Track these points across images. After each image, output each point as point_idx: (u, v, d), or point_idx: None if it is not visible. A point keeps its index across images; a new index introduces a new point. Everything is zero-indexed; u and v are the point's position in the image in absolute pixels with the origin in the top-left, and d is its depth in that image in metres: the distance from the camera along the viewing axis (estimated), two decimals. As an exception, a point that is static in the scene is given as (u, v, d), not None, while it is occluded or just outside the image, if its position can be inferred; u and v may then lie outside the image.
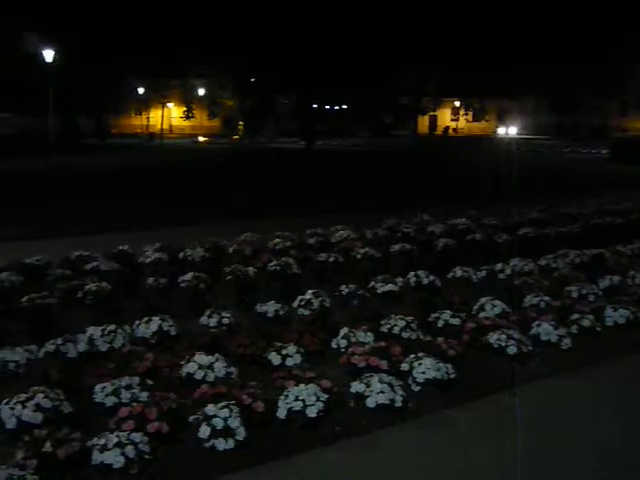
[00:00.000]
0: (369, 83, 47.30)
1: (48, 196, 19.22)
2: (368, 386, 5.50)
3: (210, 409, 4.92)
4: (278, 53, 41.83)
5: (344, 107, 66.43)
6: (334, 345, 6.67)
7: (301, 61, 42.91)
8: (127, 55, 40.11)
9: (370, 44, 41.52)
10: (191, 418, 4.97)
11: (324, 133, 57.57)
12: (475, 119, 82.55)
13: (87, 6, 35.95)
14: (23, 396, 5.07)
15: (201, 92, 69.57)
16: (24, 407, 4.97)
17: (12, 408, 4.99)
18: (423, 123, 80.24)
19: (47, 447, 4.48)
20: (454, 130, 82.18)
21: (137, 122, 71.70)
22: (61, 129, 43.18)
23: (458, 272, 9.31)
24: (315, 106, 55.68)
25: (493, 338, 6.67)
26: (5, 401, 5.08)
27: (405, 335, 6.79)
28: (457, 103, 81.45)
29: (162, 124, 60.14)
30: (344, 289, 8.23)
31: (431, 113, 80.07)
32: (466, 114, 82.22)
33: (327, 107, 64.32)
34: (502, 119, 71.11)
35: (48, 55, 33.80)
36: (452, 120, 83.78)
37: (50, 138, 31.02)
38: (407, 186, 23.32)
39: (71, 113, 46.68)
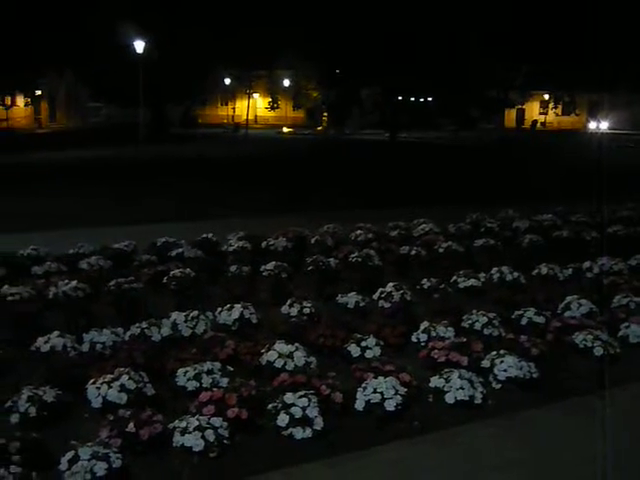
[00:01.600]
0: (456, 75, 46.63)
1: (135, 185, 19.77)
2: (447, 381, 5.43)
3: (289, 397, 4.95)
4: (363, 44, 41.72)
5: (429, 99, 65.70)
6: (414, 339, 6.61)
7: (386, 52, 42.62)
8: (215, 46, 40.77)
9: (457, 34, 40.89)
10: (270, 406, 5.01)
11: (408, 126, 57.06)
12: (564, 113, 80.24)
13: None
14: (109, 377, 5.22)
15: (286, 83, 70.07)
16: (110, 387, 5.12)
17: (98, 388, 5.15)
18: (510, 117, 78.57)
19: (131, 427, 4.60)
20: (542, 124, 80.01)
21: (223, 112, 72.89)
22: (150, 119, 44.28)
23: (543, 269, 9.08)
24: (400, 98, 55.31)
25: (579, 338, 6.47)
26: (92, 381, 5.25)
27: (487, 332, 6.67)
28: (546, 96, 79.24)
29: (247, 115, 60.82)
30: (425, 283, 8.15)
31: (519, 106, 78.30)
32: (555, 107, 79.94)
33: (412, 99, 63.77)
34: (593, 113, 68.95)
35: (139, 46, 34.74)
36: (540, 114, 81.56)
37: (140, 128, 31.85)
38: (493, 180, 22.90)
39: (160, 103, 47.79)
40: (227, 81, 63.16)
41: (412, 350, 6.45)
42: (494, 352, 5.97)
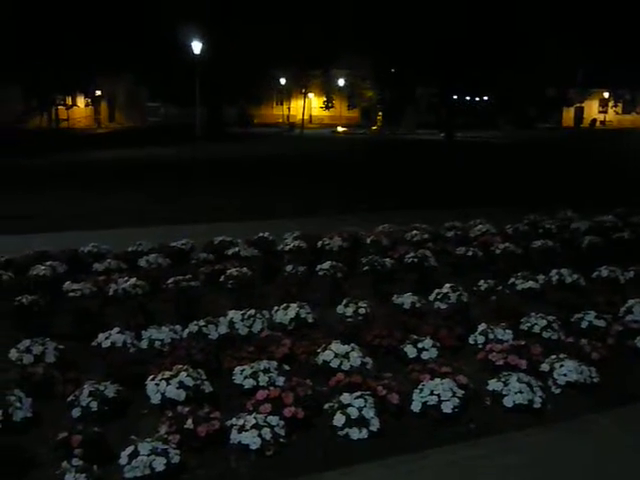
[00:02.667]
0: (513, 73, 45.99)
1: (193, 184, 20.02)
2: (506, 385, 5.35)
3: (345, 398, 4.95)
4: (419, 42, 41.47)
5: (485, 98, 64.96)
6: (471, 341, 6.53)
7: (443, 51, 42.27)
8: (271, 46, 41.02)
9: (515, 32, 40.30)
10: (326, 405, 5.01)
11: (464, 125, 56.52)
12: (625, 111, 78.38)
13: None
14: (167, 373, 5.30)
15: (341, 83, 70.15)
16: (168, 384, 5.19)
17: (157, 384, 5.23)
18: (568, 115, 77.20)
19: (189, 424, 4.66)
20: (602, 123, 78.39)
21: (278, 112, 73.36)
22: (206, 118, 44.81)
23: (604, 272, 8.87)
24: (455, 97, 54.82)
25: (642, 342, 6.31)
26: (151, 377, 5.33)
27: (546, 335, 6.56)
28: (606, 94, 77.55)
29: (303, 114, 61.05)
30: (482, 284, 8.05)
31: (577, 105, 76.84)
32: (615, 106, 78.18)
33: (468, 98, 63.14)
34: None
35: (196, 47, 35.20)
36: (600, 112, 79.87)
37: (197, 127, 32.28)
38: (551, 181, 22.52)
39: (216, 103, 48.34)
40: (282, 81, 63.55)
41: (469, 352, 6.38)
42: (553, 356, 5.87)
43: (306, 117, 68.36)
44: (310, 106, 74.58)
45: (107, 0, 30.15)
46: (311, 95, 71.34)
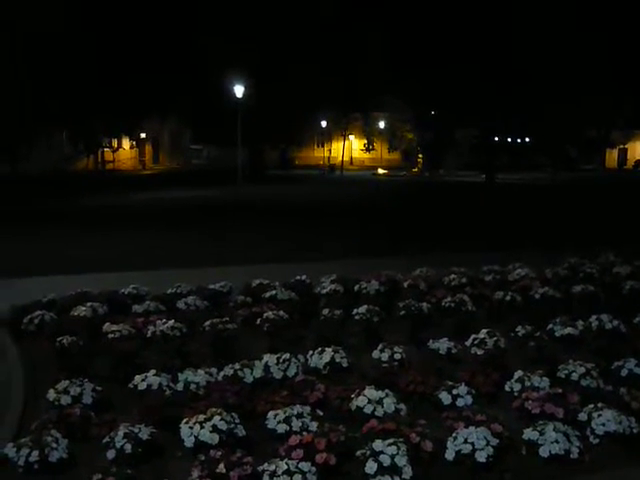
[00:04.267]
0: (555, 114, 45.79)
1: (233, 226, 20.23)
2: (542, 434, 5.25)
3: (378, 445, 4.92)
4: (459, 85, 41.65)
5: (527, 140, 64.71)
6: (507, 388, 6.45)
7: (482, 94, 42.37)
8: (312, 90, 41.60)
9: (556, 73, 40.21)
10: (358, 452, 4.98)
11: (505, 167, 56.30)
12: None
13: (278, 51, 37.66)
14: (202, 417, 5.33)
15: (382, 125, 70.63)
16: (202, 427, 5.22)
17: (191, 427, 5.26)
18: (611, 157, 76.39)
19: (221, 468, 4.67)
20: (646, 164, 77.38)
21: (319, 154, 74.01)
22: (248, 160, 45.46)
23: (646, 318, 8.70)
24: (496, 139, 54.74)
25: (684, 393, 6.15)
26: (185, 420, 5.37)
27: (584, 383, 6.44)
28: (651, 135, 76.71)
29: (343, 156, 61.50)
30: (520, 330, 7.95)
31: (621, 146, 76.05)
32: (661, 147, 77.21)
33: (509, 140, 62.98)
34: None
35: (238, 90, 35.86)
36: (644, 154, 78.93)
37: (238, 169, 32.75)
38: (593, 222, 22.25)
39: (257, 145, 49.06)
40: (323, 123, 64.22)
41: (505, 400, 6.29)
42: (592, 405, 5.76)
43: (346, 159, 68.89)
44: (351, 148, 75.19)
45: (152, 46, 30.99)
46: (352, 137, 71.94)
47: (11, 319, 8.91)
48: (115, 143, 59.92)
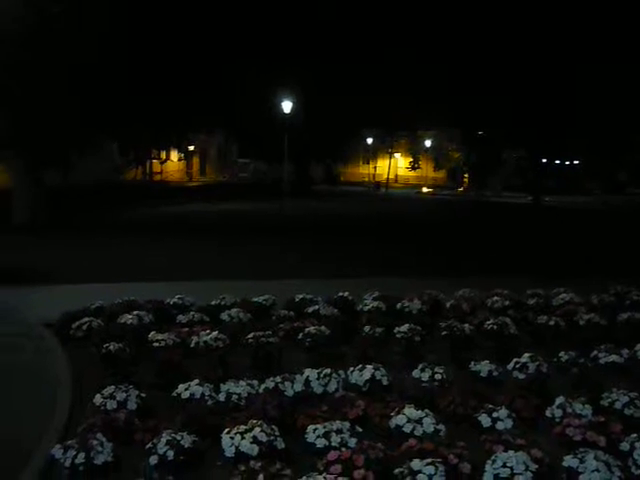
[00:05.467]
0: (603, 136, 45.13)
1: (278, 240, 20.39)
2: (582, 462, 5.20)
3: (416, 464, 4.93)
4: (508, 105, 41.39)
5: (576, 162, 63.91)
6: (548, 414, 6.40)
7: (532, 114, 42.03)
8: (359, 107, 41.75)
9: (605, 96, 39.63)
10: (396, 470, 5.00)
11: (553, 189, 55.66)
12: None
13: (328, 61, 37.89)
14: (242, 427, 5.41)
15: (428, 144, 70.49)
16: (243, 438, 5.30)
17: (232, 438, 5.34)
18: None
19: (260, 479, 4.74)
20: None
21: (364, 171, 74.12)
22: (294, 175, 45.77)
23: (693, 348, 8.54)
24: (544, 160, 54.18)
25: None
26: (226, 430, 5.46)
27: (628, 412, 6.36)
28: None
29: (388, 174, 61.52)
30: (563, 356, 7.89)
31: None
32: None
33: (557, 162, 62.26)
34: None
35: (286, 106, 36.19)
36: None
37: (284, 184, 33.03)
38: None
39: (304, 160, 49.37)
40: (369, 140, 64.36)
41: (546, 425, 6.24)
42: (635, 434, 5.69)
43: (391, 176, 68.83)
44: (396, 166, 75.11)
45: (203, 59, 31.49)
46: (397, 155, 71.89)
47: (60, 324, 9.15)
48: (164, 155, 60.84)
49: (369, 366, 7.01)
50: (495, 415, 6.10)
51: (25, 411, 6.55)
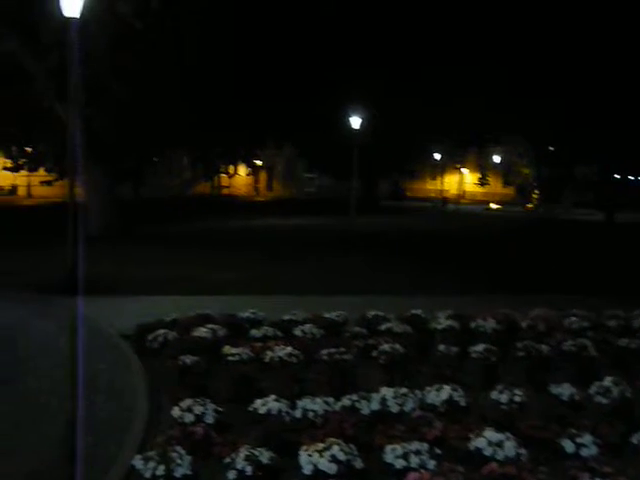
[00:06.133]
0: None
1: (346, 256, 20.40)
2: (673, 492, 5.00)
3: (498, 489, 4.82)
4: (580, 121, 40.53)
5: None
6: (634, 441, 6.16)
7: (605, 130, 41.03)
8: (428, 122, 41.54)
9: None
10: (478, 495, 4.90)
11: (627, 206, 54.09)
12: None
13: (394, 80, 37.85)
14: (320, 445, 5.38)
15: (497, 159, 69.58)
16: (321, 456, 5.27)
17: (310, 455, 5.31)
18: None
19: (340, 499, 4.70)
20: None
21: (431, 186, 73.64)
22: (361, 191, 45.75)
23: None
24: (617, 176, 52.81)
25: None
26: (304, 447, 5.43)
27: None
28: None
29: (457, 190, 60.99)
30: (648, 380, 7.61)
31: None
32: None
33: (631, 178, 60.60)
34: None
35: (355, 122, 36.23)
36: None
37: (352, 199, 33.02)
38: None
39: (371, 176, 49.31)
40: (437, 156, 63.93)
41: (632, 453, 6.02)
42: None
43: (459, 192, 68.18)
44: (464, 181, 74.37)
45: (273, 76, 31.86)
46: (465, 170, 71.19)
47: (137, 336, 9.33)
48: (232, 169, 61.73)
49: (446, 386, 6.89)
50: (579, 440, 5.90)
51: (104, 420, 6.67)
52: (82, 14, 13.29)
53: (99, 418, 6.72)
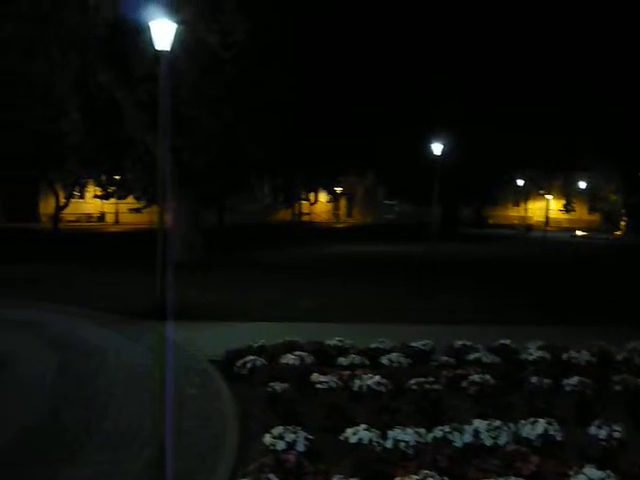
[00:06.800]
0: None
1: (429, 283, 20.18)
2: None
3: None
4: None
5: None
6: None
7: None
8: (511, 148, 40.94)
9: None
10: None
11: None
12: None
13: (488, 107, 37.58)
14: (414, 478, 5.31)
15: (582, 185, 67.81)
16: (416, 488, 5.20)
17: (405, 487, 5.25)
18: None
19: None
20: None
21: (514, 213, 72.29)
22: (441, 218, 45.39)
23: None
24: None
25: None
26: (397, 479, 5.37)
27: None
28: None
29: (543, 216, 59.64)
30: None
31: None
32: None
33: None
34: None
35: (437, 148, 36.04)
36: None
37: (433, 226, 32.78)
38: None
39: (452, 203, 48.84)
40: (520, 182, 62.79)
41: None
42: None
43: (543, 219, 66.70)
44: (548, 208, 72.77)
45: (355, 102, 32.14)
46: (549, 197, 69.62)
47: (225, 361, 9.46)
48: (312, 197, 62.32)
49: (541, 420, 6.70)
50: (685, 481, 5.64)
51: (195, 446, 6.76)
52: (172, 47, 13.74)
53: (190, 443, 6.81)
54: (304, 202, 62.85)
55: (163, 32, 13.45)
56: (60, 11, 18.91)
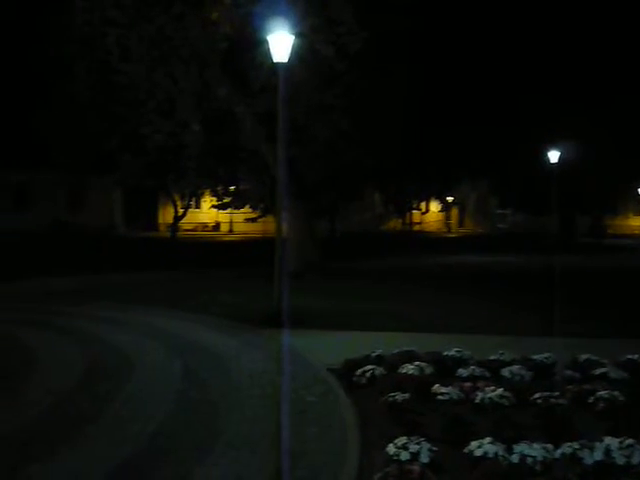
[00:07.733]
0: None
1: (549, 295, 19.62)
2: None
3: None
4: None
5: None
6: None
7: None
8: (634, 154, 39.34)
9: None
10: None
11: None
12: None
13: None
14: (544, 494, 5.19)
15: None
16: (545, 505, 5.07)
17: (532, 503, 5.14)
18: None
19: None
20: None
21: (635, 223, 69.35)
22: (557, 227, 44.09)
23: None
24: None
25: None
26: (525, 495, 5.27)
27: None
28: None
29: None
30: None
31: None
32: None
33: None
34: None
35: (553, 156, 35.08)
36: None
37: (550, 236, 31.94)
38: None
39: (569, 212, 47.32)
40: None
41: None
42: None
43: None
44: (672, 218, 69.29)
45: (471, 112, 31.78)
46: (674, 206, 66.26)
47: (344, 370, 9.54)
48: (424, 206, 61.95)
49: (678, 440, 6.39)
50: None
51: (316, 453, 6.83)
52: (289, 59, 14.05)
53: (312, 451, 6.90)
54: (415, 211, 62.52)
55: (281, 44, 13.80)
56: (183, 29, 19.70)
